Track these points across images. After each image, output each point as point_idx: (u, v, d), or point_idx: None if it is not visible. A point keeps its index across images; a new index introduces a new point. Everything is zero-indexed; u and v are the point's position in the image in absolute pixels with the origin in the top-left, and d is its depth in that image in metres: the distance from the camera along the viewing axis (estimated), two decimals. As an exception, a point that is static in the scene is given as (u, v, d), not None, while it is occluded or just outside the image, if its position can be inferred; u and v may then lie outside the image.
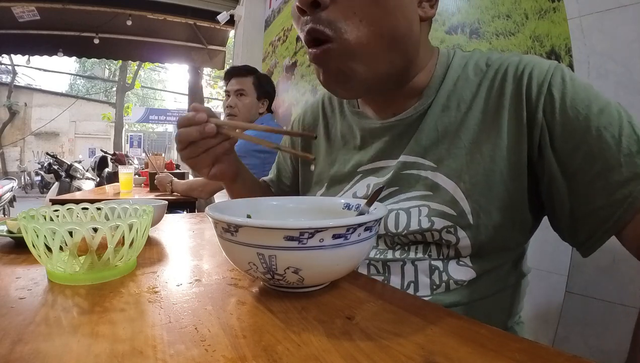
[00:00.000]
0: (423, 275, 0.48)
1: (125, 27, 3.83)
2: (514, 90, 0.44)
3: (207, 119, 0.49)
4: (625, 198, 0.37)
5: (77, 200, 1.48)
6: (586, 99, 0.40)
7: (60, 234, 0.38)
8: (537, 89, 0.42)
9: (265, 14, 3.11)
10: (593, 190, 0.39)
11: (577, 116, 0.40)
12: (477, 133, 0.47)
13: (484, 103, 0.47)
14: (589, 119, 0.39)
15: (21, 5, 3.39)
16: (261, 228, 0.32)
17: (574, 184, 0.41)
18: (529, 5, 0.90)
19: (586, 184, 0.40)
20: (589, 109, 0.40)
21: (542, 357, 0.27)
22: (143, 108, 17.28)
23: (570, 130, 0.40)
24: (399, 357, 0.26)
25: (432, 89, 0.50)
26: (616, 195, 0.38)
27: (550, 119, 0.41)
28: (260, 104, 1.72)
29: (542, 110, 0.42)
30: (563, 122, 0.41)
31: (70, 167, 5.78)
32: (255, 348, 0.27)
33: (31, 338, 0.28)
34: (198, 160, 0.53)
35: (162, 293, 0.38)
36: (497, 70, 0.47)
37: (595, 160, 0.39)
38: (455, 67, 0.50)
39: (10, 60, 12.60)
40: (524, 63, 0.45)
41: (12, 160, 13.22)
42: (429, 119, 0.50)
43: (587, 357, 0.26)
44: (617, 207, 0.38)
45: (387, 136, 0.53)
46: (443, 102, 0.49)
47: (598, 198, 0.39)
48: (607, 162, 0.38)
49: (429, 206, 0.48)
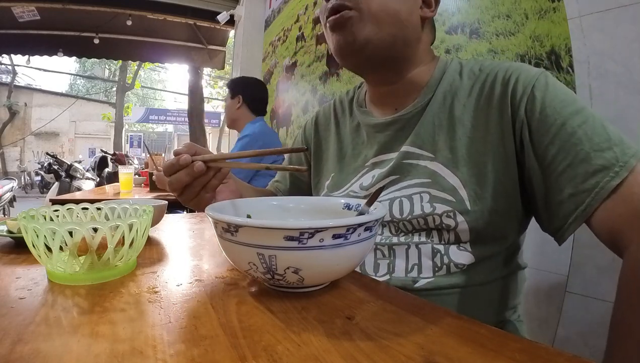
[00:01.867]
0: (426, 257, 0.52)
1: (125, 27, 3.83)
2: (501, 92, 0.50)
3: (192, 159, 0.48)
4: (592, 188, 0.41)
5: (77, 200, 1.48)
6: (565, 100, 0.45)
7: (60, 234, 0.38)
8: (522, 89, 0.48)
9: (265, 14, 3.11)
10: (564, 180, 0.44)
11: (554, 114, 0.45)
12: (470, 128, 0.52)
13: (476, 102, 0.53)
14: (565, 117, 0.44)
15: (21, 5, 3.39)
16: (261, 228, 0.32)
17: (548, 174, 0.46)
18: (529, 5, 0.90)
19: (558, 174, 0.44)
20: (566, 109, 0.45)
21: (542, 357, 0.27)
22: (143, 108, 17.30)
23: (547, 126, 0.45)
24: (399, 357, 0.26)
25: (430, 88, 0.57)
26: (585, 185, 0.42)
27: (530, 116, 0.47)
28: (236, 102, 1.86)
29: (524, 108, 0.47)
30: (541, 119, 0.46)
31: (70, 167, 5.78)
32: (255, 348, 0.27)
33: (31, 338, 0.28)
34: (199, 199, 0.52)
35: (162, 293, 0.38)
36: (488, 75, 0.53)
37: (567, 153, 0.43)
38: (452, 70, 0.57)
39: (10, 60, 12.60)
40: (513, 69, 0.51)
41: (12, 160, 13.22)
42: (427, 114, 0.56)
43: (587, 357, 0.26)
44: (585, 195, 0.42)
45: (389, 131, 0.60)
46: (440, 100, 0.55)
47: (568, 187, 0.43)
48: (577, 155, 0.42)
49: (429, 193, 0.53)
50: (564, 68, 0.82)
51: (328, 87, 1.93)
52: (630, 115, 0.71)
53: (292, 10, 2.50)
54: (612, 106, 0.74)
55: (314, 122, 0.75)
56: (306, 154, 0.76)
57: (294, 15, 2.43)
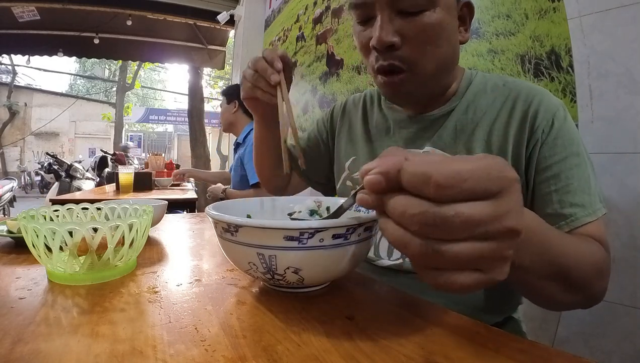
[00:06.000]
0: None
1: (125, 27, 3.82)
2: (523, 111, 0.54)
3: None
4: (569, 216, 0.48)
5: (77, 200, 1.48)
6: (573, 139, 0.51)
7: (60, 234, 0.38)
8: (543, 115, 0.52)
9: (265, 14, 3.11)
10: (550, 200, 0.50)
11: (562, 145, 0.51)
12: (488, 133, 0.56)
13: (497, 112, 0.56)
14: (568, 153, 0.51)
15: (21, 5, 3.38)
16: (261, 228, 0.32)
17: (539, 189, 0.51)
18: (529, 5, 0.90)
19: (547, 193, 0.50)
20: (571, 147, 0.51)
21: (542, 357, 0.27)
22: (143, 108, 17.26)
23: (553, 153, 0.51)
24: (399, 357, 0.26)
25: (456, 97, 0.60)
26: (563, 211, 0.49)
27: (544, 138, 0.52)
28: (232, 107, 1.92)
29: (541, 130, 0.52)
30: (551, 145, 0.51)
31: (70, 167, 5.78)
32: (255, 348, 0.27)
33: (31, 338, 0.28)
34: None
35: (162, 293, 0.38)
36: (512, 90, 0.56)
37: (559, 181, 0.50)
38: (477, 83, 0.60)
39: (10, 60, 12.58)
40: (536, 91, 0.55)
41: (12, 160, 13.21)
42: (450, 120, 0.59)
43: (587, 357, 0.26)
44: (561, 219, 0.48)
45: (413, 128, 0.62)
46: (463, 109, 0.59)
47: (551, 207, 0.50)
48: (566, 187, 0.49)
49: None
50: (564, 68, 0.82)
51: (328, 87, 1.93)
52: (630, 115, 0.71)
53: (292, 10, 2.50)
54: (612, 106, 0.74)
55: (342, 107, 0.78)
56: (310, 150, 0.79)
57: (294, 16, 2.43)
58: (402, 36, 0.51)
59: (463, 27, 0.57)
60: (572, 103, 0.80)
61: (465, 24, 0.57)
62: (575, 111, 0.79)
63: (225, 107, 1.94)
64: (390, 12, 0.51)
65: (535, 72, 0.87)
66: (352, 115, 0.75)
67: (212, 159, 5.83)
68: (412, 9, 0.50)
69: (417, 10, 0.50)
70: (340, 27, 1.85)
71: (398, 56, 0.52)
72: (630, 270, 0.69)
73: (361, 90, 1.55)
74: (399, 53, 0.52)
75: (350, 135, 0.73)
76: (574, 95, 0.80)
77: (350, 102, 0.77)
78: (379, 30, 0.50)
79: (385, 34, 0.50)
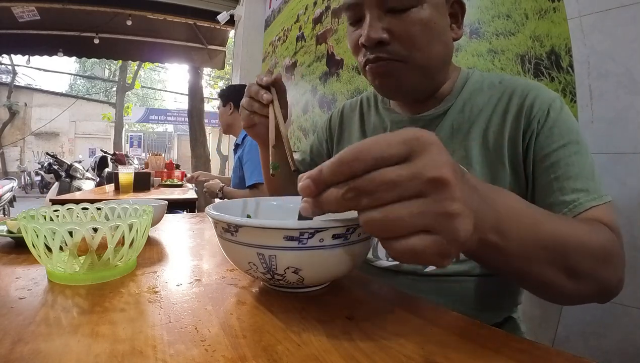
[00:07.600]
0: None
1: (125, 27, 3.82)
2: (519, 103, 0.54)
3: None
4: (572, 201, 0.47)
5: (77, 200, 1.48)
6: (571, 128, 0.51)
7: (60, 234, 0.38)
8: (538, 106, 0.52)
9: (265, 14, 3.11)
10: (551, 188, 0.49)
11: (560, 133, 0.50)
12: (484, 131, 0.56)
13: (492, 109, 0.56)
14: (567, 141, 0.50)
15: (21, 5, 3.39)
16: (261, 228, 0.32)
17: (539, 181, 0.51)
18: (529, 5, 0.90)
19: (547, 183, 0.50)
20: (570, 135, 0.50)
21: (542, 357, 0.27)
22: (143, 108, 17.26)
23: (551, 141, 0.50)
24: (399, 357, 0.26)
25: (452, 96, 0.60)
26: (566, 197, 0.47)
27: (540, 128, 0.51)
28: (228, 109, 1.92)
29: (537, 121, 0.51)
30: (548, 134, 0.51)
31: (70, 167, 5.78)
32: (255, 348, 0.27)
33: (31, 338, 0.28)
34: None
35: (162, 293, 0.38)
36: (508, 87, 0.56)
37: (558, 168, 0.49)
38: (473, 82, 0.60)
39: (10, 60, 12.58)
40: (532, 86, 0.55)
41: (12, 160, 13.20)
42: (447, 119, 0.59)
43: (587, 357, 0.26)
44: (564, 206, 0.47)
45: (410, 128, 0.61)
46: (460, 107, 0.59)
47: (552, 196, 0.49)
48: (566, 173, 0.48)
49: None
50: (564, 68, 0.82)
51: (328, 87, 1.93)
52: (630, 115, 0.71)
53: (292, 10, 2.50)
54: (612, 106, 0.74)
55: (340, 113, 0.79)
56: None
57: (294, 15, 2.43)
58: (391, 33, 0.52)
59: (455, 24, 0.57)
60: (572, 103, 0.80)
61: (458, 21, 0.57)
62: (575, 111, 0.79)
63: (222, 109, 1.94)
64: (378, 11, 0.51)
65: (535, 72, 0.87)
66: (349, 120, 0.76)
67: (212, 159, 5.83)
68: (400, 6, 0.50)
69: (405, 7, 0.50)
70: (340, 27, 1.85)
71: (387, 50, 0.52)
72: (631, 270, 0.69)
73: (361, 90, 1.55)
74: (388, 48, 0.52)
75: (350, 140, 0.74)
76: (574, 95, 0.80)
77: (347, 107, 0.78)
78: (367, 28, 0.51)
79: (373, 31, 0.51)
